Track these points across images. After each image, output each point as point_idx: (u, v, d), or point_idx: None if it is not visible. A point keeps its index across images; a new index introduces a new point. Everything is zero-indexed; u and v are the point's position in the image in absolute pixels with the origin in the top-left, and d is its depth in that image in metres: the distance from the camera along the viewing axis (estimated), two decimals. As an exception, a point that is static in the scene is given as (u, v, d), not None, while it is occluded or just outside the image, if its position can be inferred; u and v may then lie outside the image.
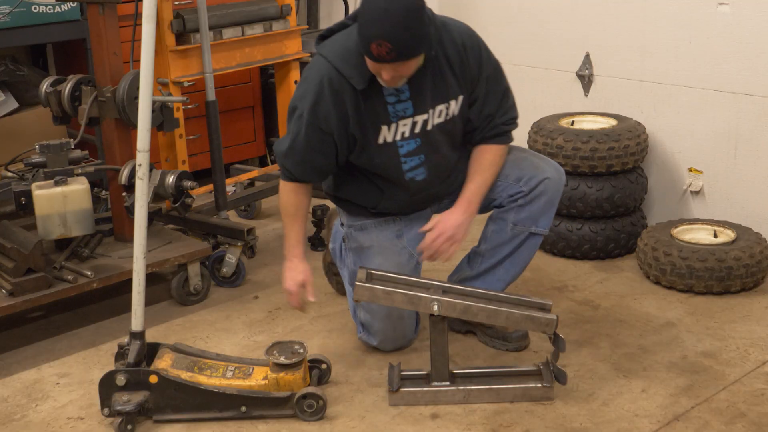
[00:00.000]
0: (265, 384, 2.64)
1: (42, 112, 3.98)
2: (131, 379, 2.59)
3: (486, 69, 2.81)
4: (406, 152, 2.81)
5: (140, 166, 2.56)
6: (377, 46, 2.48)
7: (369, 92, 2.69)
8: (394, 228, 2.93)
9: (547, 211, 2.88)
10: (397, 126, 2.76)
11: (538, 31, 4.19)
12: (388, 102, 2.72)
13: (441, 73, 2.73)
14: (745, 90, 3.54)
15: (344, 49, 2.69)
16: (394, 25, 2.48)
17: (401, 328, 2.94)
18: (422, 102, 2.75)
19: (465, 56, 2.76)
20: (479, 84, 2.80)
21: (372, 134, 2.76)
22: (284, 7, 4.01)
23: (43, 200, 2.99)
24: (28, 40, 3.99)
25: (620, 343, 3.02)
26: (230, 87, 4.66)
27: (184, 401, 2.61)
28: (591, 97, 4.06)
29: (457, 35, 2.77)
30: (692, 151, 3.75)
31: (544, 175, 2.86)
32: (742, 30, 3.51)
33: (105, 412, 2.61)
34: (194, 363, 2.70)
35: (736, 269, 3.29)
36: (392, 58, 2.51)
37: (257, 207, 4.33)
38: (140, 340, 2.65)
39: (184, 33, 3.66)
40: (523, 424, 2.58)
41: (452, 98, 2.78)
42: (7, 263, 3.03)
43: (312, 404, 2.60)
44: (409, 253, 2.91)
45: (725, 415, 2.59)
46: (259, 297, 3.48)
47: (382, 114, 2.73)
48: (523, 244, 2.91)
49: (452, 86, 2.77)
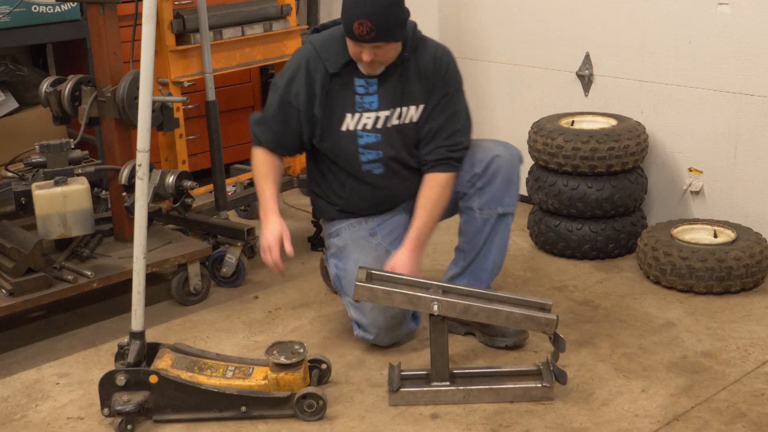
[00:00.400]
0: (265, 384, 2.64)
1: (42, 112, 3.97)
2: (131, 379, 2.59)
3: (447, 85, 2.95)
4: (365, 144, 2.94)
5: (140, 166, 2.56)
6: (359, 25, 2.70)
7: (341, 79, 2.90)
8: (367, 227, 3.03)
9: (508, 188, 2.94)
10: (360, 116, 2.92)
11: (538, 31, 4.19)
12: (357, 92, 2.91)
13: (408, 77, 2.91)
14: (745, 90, 3.54)
15: (329, 36, 2.94)
16: (375, 4, 2.70)
17: (393, 316, 2.93)
18: (387, 99, 2.91)
19: (434, 67, 2.93)
20: (434, 94, 2.92)
21: (336, 120, 2.92)
22: (284, 7, 4.01)
23: (43, 200, 2.99)
24: (28, 40, 3.99)
25: (620, 343, 3.02)
26: (230, 87, 4.66)
27: (184, 401, 2.61)
28: (591, 97, 4.06)
29: (433, 49, 2.96)
30: (692, 151, 3.75)
31: (494, 153, 2.94)
32: (742, 30, 3.51)
33: (105, 412, 2.61)
34: (194, 363, 2.70)
35: (736, 269, 3.29)
36: (372, 37, 2.72)
37: (257, 207, 4.32)
38: (140, 340, 2.65)
39: (184, 33, 3.66)
40: (523, 424, 2.58)
41: (413, 104, 2.93)
42: (7, 263, 3.03)
43: (312, 404, 2.60)
44: (386, 249, 2.98)
45: (725, 415, 2.59)
46: (259, 297, 3.48)
47: (348, 102, 2.92)
48: (495, 228, 2.96)
49: (416, 93, 2.92)
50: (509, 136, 4.38)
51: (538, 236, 3.82)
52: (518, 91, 4.35)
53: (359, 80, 2.90)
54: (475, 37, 4.45)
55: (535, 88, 4.26)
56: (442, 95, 2.92)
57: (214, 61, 3.73)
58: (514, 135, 4.32)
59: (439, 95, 2.92)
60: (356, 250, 2.97)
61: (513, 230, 4.03)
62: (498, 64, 4.39)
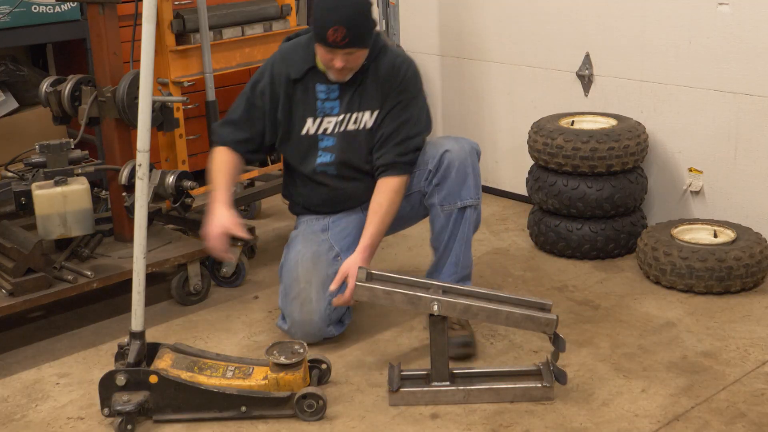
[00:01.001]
0: (265, 384, 2.64)
1: (42, 112, 3.97)
2: (131, 379, 2.59)
3: (402, 92, 2.99)
4: (324, 147, 3.04)
5: (140, 166, 2.56)
6: (333, 31, 2.77)
7: (304, 85, 3.00)
8: (322, 223, 3.13)
9: (464, 181, 2.97)
10: (321, 120, 3.02)
11: (538, 31, 4.19)
12: (319, 98, 3.01)
13: (366, 83, 2.99)
14: (745, 90, 3.54)
15: (294, 44, 3.06)
16: (350, 11, 2.79)
17: (308, 311, 2.95)
18: (345, 104, 3.01)
19: (391, 74, 2.98)
20: (388, 101, 2.98)
21: (297, 124, 3.03)
22: (284, 7, 4.01)
23: (43, 200, 2.99)
24: (28, 40, 3.99)
25: (620, 343, 3.02)
26: (230, 87, 4.65)
27: (184, 401, 2.61)
28: (591, 97, 4.06)
29: (393, 57, 3.01)
30: (692, 151, 3.75)
31: (443, 149, 2.98)
32: (742, 30, 3.51)
33: (105, 412, 2.61)
34: (194, 363, 2.70)
35: (736, 269, 3.29)
36: (346, 43, 2.80)
37: (257, 207, 4.33)
38: (140, 340, 2.65)
39: (184, 33, 3.66)
40: (523, 424, 2.58)
41: (368, 109, 3.01)
42: (7, 263, 3.03)
43: (312, 404, 2.60)
44: (330, 245, 3.06)
45: (725, 415, 2.59)
46: (259, 297, 3.48)
47: (310, 107, 3.01)
48: (458, 222, 2.99)
49: (371, 99, 3.00)
50: (509, 136, 4.40)
51: (538, 236, 3.82)
52: (518, 91, 4.35)
53: (321, 86, 2.99)
54: (475, 37, 4.45)
55: (535, 88, 4.26)
56: (396, 102, 2.98)
57: (214, 61, 3.73)
58: (514, 135, 4.33)
59: (393, 102, 2.98)
60: (301, 242, 3.07)
61: (513, 230, 4.07)
62: (498, 64, 4.39)
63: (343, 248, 3.05)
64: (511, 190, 4.48)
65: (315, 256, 3.02)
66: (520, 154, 4.17)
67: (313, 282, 2.97)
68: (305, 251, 3.03)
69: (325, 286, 2.96)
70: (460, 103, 4.63)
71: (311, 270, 2.99)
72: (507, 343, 3.04)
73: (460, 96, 4.62)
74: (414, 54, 4.70)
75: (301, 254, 3.03)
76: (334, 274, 2.98)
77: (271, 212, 4.37)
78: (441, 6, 4.57)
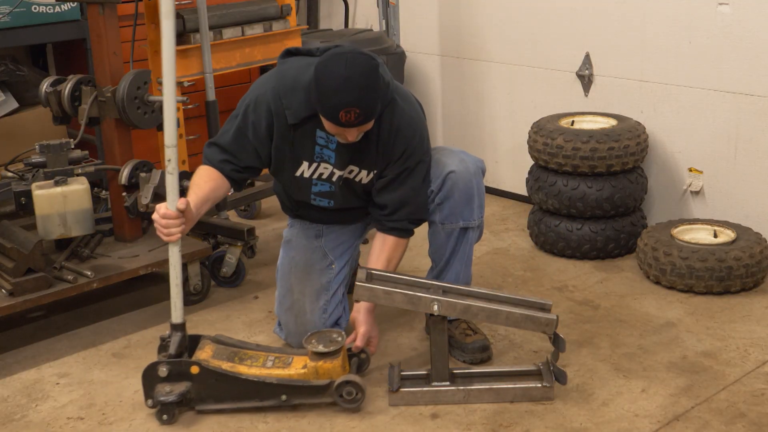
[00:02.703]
0: (304, 373, 2.66)
1: (42, 112, 3.97)
2: (173, 370, 2.62)
3: (407, 160, 2.80)
4: (318, 191, 2.91)
5: (169, 161, 2.60)
6: (345, 113, 2.53)
7: (302, 129, 2.77)
8: (315, 228, 3.06)
9: (467, 203, 2.88)
10: (318, 166, 2.84)
11: (538, 31, 4.19)
12: (318, 143, 2.79)
13: (366, 143, 2.76)
14: (745, 90, 3.54)
15: (293, 82, 2.74)
16: (360, 90, 2.53)
17: (302, 323, 2.95)
18: (342, 158, 2.80)
19: (393, 139, 2.77)
20: (392, 168, 2.81)
21: (292, 164, 2.84)
22: (284, 7, 4.01)
23: (43, 200, 2.99)
24: (28, 40, 3.99)
25: (620, 343, 3.02)
26: (230, 87, 4.65)
27: (225, 391, 2.64)
28: (591, 97, 4.06)
29: (399, 118, 2.76)
30: (692, 151, 3.75)
31: (447, 170, 2.86)
32: (742, 30, 3.51)
33: (149, 403, 2.63)
34: (234, 353, 2.73)
35: (736, 269, 3.29)
36: (360, 121, 2.57)
37: (257, 207, 4.33)
38: (181, 332, 2.68)
39: (184, 33, 3.66)
40: (523, 424, 2.58)
41: (365, 168, 2.83)
42: (7, 263, 3.03)
43: (351, 392, 2.62)
44: (323, 252, 3.02)
45: (725, 415, 2.59)
46: (259, 297, 3.48)
47: (308, 151, 2.81)
48: (459, 241, 2.93)
49: (370, 160, 2.81)
50: (509, 136, 4.40)
51: (538, 236, 3.82)
52: (518, 91, 4.35)
53: (320, 132, 2.76)
54: (475, 37, 4.45)
55: (535, 88, 4.26)
56: (402, 169, 2.81)
57: (214, 61, 3.73)
58: (514, 135, 4.33)
59: (398, 169, 2.81)
60: (295, 249, 3.03)
61: (513, 230, 4.07)
62: (498, 64, 4.39)
63: (337, 256, 3.03)
64: (511, 190, 4.48)
65: (308, 264, 2.99)
66: (520, 154, 4.17)
67: (307, 293, 2.97)
68: (298, 259, 3.01)
69: (318, 296, 2.96)
70: (460, 103, 4.63)
71: (304, 280, 2.98)
72: (507, 343, 3.04)
73: (460, 96, 4.62)
74: (414, 54, 4.73)
75: (295, 262, 3.01)
76: (327, 282, 2.98)
77: (271, 212, 4.37)
78: (441, 6, 4.57)
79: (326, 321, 2.97)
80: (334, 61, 2.56)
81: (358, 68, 2.54)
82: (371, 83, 2.55)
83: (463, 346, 2.93)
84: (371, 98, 2.56)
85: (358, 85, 2.52)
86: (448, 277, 2.96)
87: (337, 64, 2.54)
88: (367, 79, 2.54)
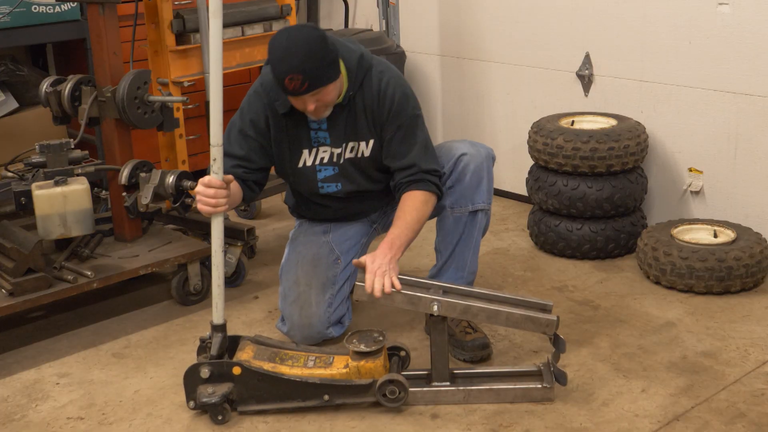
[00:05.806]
0: (346, 372, 2.65)
1: (42, 112, 3.97)
2: (215, 371, 2.62)
3: (398, 117, 2.85)
4: (324, 177, 2.96)
5: (215, 160, 2.60)
6: (290, 80, 2.64)
7: (294, 117, 2.86)
8: (323, 225, 3.10)
9: (478, 185, 2.93)
10: (317, 150, 2.92)
11: (538, 31, 4.19)
12: (311, 128, 2.89)
13: (355, 114, 2.86)
14: (745, 90, 3.54)
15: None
16: (300, 57, 2.62)
17: (307, 315, 2.95)
18: (336, 136, 2.89)
19: (379, 103, 2.85)
20: (387, 128, 2.86)
21: (294, 156, 2.93)
22: (284, 7, 4.01)
23: (43, 200, 2.99)
24: (28, 40, 3.99)
25: (620, 343, 3.02)
26: (230, 87, 4.65)
27: (267, 391, 2.63)
28: (591, 97, 4.06)
29: (377, 81, 2.85)
30: (692, 151, 3.75)
31: (459, 152, 2.93)
32: (742, 30, 3.51)
33: (191, 404, 2.63)
34: (275, 354, 2.72)
35: (736, 269, 3.29)
36: (306, 88, 2.66)
37: (257, 207, 4.33)
38: (222, 333, 2.68)
39: (184, 33, 3.66)
40: (523, 424, 2.58)
41: (362, 140, 2.90)
42: (7, 263, 3.03)
43: (394, 390, 2.61)
44: (330, 248, 3.04)
45: (725, 415, 2.59)
46: (259, 297, 3.48)
47: (304, 139, 2.91)
48: (468, 225, 2.96)
49: (364, 130, 2.88)
50: (509, 136, 4.40)
51: (538, 236, 3.82)
52: (518, 91, 4.35)
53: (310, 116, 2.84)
54: (475, 37, 4.45)
55: (535, 88, 4.26)
56: (395, 129, 2.85)
57: (214, 61, 3.72)
58: (514, 135, 4.33)
59: (392, 129, 2.86)
60: (303, 244, 3.06)
61: (513, 230, 4.07)
62: (498, 64, 4.39)
63: (343, 251, 3.05)
64: (511, 190, 4.48)
65: (315, 258, 3.01)
66: (520, 154, 4.17)
67: (313, 285, 2.97)
68: (305, 253, 3.03)
69: (324, 289, 2.96)
70: (460, 103, 4.63)
71: (311, 273, 2.99)
72: (507, 344, 3.04)
73: (460, 96, 4.62)
74: (414, 54, 4.73)
75: (302, 256, 3.02)
76: (333, 277, 2.98)
77: (271, 212, 4.37)
78: (441, 6, 4.57)
79: (330, 315, 2.97)
80: (280, 33, 2.71)
81: (300, 38, 2.65)
82: (313, 50, 2.64)
83: (463, 344, 2.94)
84: (313, 65, 2.63)
85: (298, 52, 2.62)
86: (455, 263, 2.97)
87: (281, 36, 2.69)
88: (309, 46, 2.64)
